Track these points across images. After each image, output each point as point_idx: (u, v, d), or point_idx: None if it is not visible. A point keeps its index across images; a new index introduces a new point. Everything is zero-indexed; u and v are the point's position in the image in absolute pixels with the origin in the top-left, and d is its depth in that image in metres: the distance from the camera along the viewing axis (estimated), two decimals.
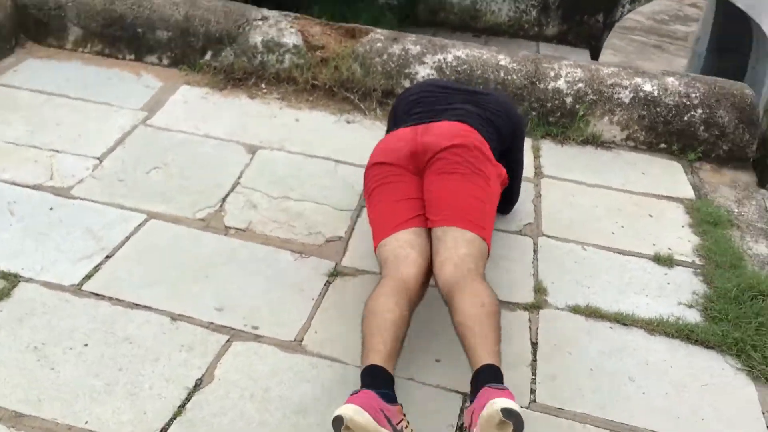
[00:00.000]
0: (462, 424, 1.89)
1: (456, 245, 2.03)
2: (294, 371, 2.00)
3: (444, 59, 3.44)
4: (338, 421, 1.61)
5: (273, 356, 2.04)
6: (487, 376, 1.72)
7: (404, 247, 2.06)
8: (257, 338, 2.09)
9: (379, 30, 3.56)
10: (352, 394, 1.68)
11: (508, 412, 1.57)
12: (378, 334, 1.83)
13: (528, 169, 2.99)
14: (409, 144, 2.24)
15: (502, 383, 1.71)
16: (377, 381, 1.73)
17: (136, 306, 2.15)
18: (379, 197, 2.20)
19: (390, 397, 1.72)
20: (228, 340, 2.07)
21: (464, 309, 1.86)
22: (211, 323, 2.12)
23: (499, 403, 1.57)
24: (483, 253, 2.08)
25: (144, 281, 2.24)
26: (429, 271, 2.07)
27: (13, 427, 1.73)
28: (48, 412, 1.78)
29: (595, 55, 8.59)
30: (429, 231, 2.14)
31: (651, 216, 2.92)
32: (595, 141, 3.40)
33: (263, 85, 3.45)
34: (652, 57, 13.29)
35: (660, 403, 2.05)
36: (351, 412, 1.60)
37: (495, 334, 1.83)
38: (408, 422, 1.73)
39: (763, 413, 2.07)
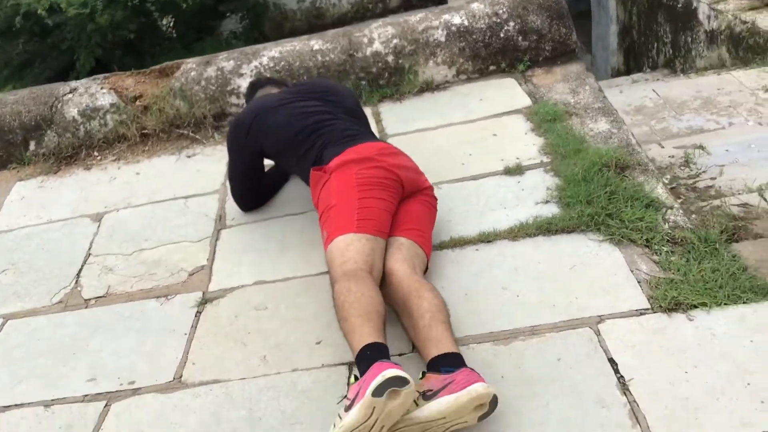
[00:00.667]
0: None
1: (418, 259, 2.16)
2: (178, 408, 1.96)
3: (260, 64, 3.44)
4: (399, 382, 1.60)
5: (155, 402, 1.99)
6: (463, 361, 1.78)
7: (380, 257, 2.10)
8: (136, 392, 2.04)
9: (189, 59, 3.54)
10: (394, 364, 1.66)
11: (494, 401, 1.67)
12: (376, 316, 1.86)
13: None
14: (418, 177, 2.39)
15: None
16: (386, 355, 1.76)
17: (8, 408, 2.07)
18: (378, 195, 2.22)
19: None
20: (106, 405, 2.01)
21: (438, 305, 1.93)
22: (86, 395, 2.06)
23: (493, 389, 1.66)
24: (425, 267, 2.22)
25: (11, 383, 2.16)
26: None
27: None
28: None
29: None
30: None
31: (495, 135, 2.98)
32: (430, 87, 3.46)
33: (95, 153, 3.39)
34: None
35: (535, 298, 2.09)
36: (413, 383, 1.62)
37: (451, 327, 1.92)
38: None
39: (632, 271, 2.13)
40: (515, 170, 2.69)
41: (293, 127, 2.50)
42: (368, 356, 1.74)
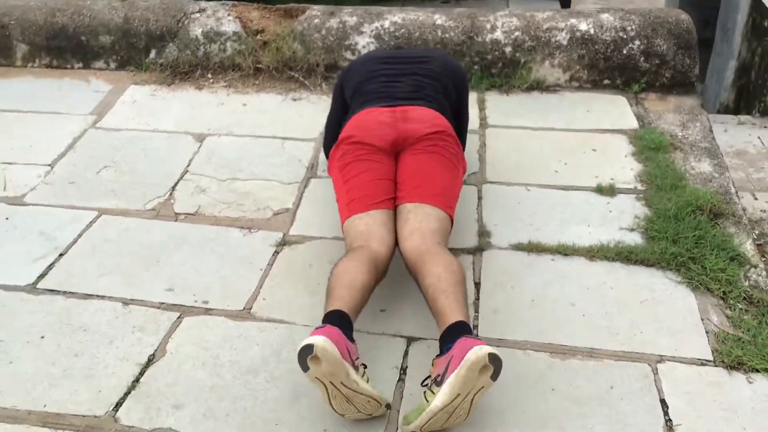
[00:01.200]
0: (406, 367, 1.98)
1: (427, 220, 2.13)
2: (243, 337, 2.08)
3: (381, 26, 3.49)
4: (307, 350, 1.66)
5: (223, 326, 2.12)
6: (463, 329, 1.80)
7: (379, 225, 2.15)
8: (207, 312, 2.18)
9: (315, 6, 3.61)
10: (316, 329, 1.73)
11: (494, 357, 1.67)
12: (343, 288, 1.90)
13: (473, 121, 3.04)
14: (393, 131, 2.32)
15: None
16: (342, 321, 1.80)
17: (90, 296, 2.23)
18: (356, 171, 2.27)
19: (351, 338, 1.80)
20: (179, 317, 2.15)
21: (438, 273, 1.94)
22: (162, 303, 2.21)
23: (486, 349, 1.67)
24: (448, 231, 2.21)
25: (97, 273, 2.33)
26: (393, 253, 2.15)
27: None
28: (8, 401, 1.87)
29: (566, 6, 8.54)
30: (395, 210, 2.22)
31: (594, 150, 2.98)
32: (539, 86, 3.46)
33: (209, 75, 3.52)
34: (634, 0, 13.20)
35: (600, 322, 2.13)
36: (321, 341, 1.66)
37: (464, 298, 1.92)
38: (364, 363, 1.82)
39: (702, 319, 2.14)
40: (607, 190, 2.70)
41: (352, 89, 2.57)
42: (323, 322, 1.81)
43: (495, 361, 1.67)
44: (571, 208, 2.62)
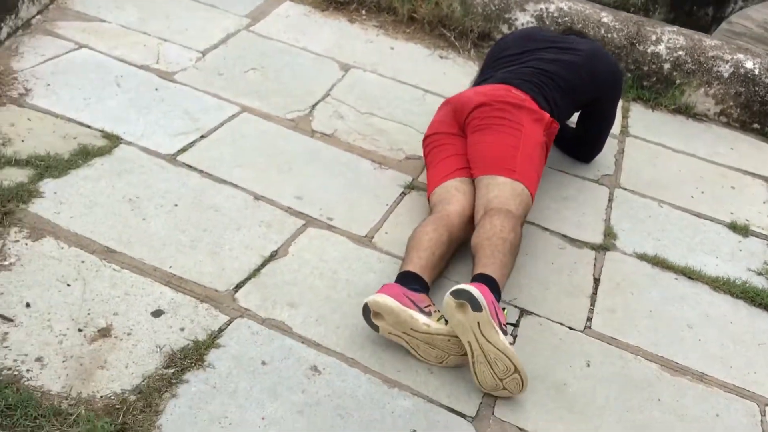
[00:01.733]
0: (516, 336, 1.96)
1: (487, 191, 2.15)
2: (362, 261, 2.09)
3: (546, 9, 3.44)
4: (366, 310, 1.77)
5: (344, 245, 2.13)
6: (472, 280, 1.83)
7: (449, 190, 2.21)
8: (331, 228, 2.19)
9: None
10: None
11: (455, 293, 1.68)
12: (414, 251, 1.96)
13: (614, 127, 2.97)
14: (449, 107, 2.42)
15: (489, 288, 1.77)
16: (406, 280, 1.87)
17: (224, 182, 2.27)
18: (431, 158, 2.36)
19: (415, 289, 1.83)
20: (304, 225, 2.17)
21: (477, 233, 1.99)
22: (290, 208, 2.23)
23: (451, 290, 1.69)
24: (515, 193, 2.14)
25: (233, 163, 2.36)
26: (470, 208, 2.17)
27: (104, 259, 1.88)
28: (137, 252, 1.93)
29: None
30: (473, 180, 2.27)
31: (733, 188, 2.88)
32: (687, 111, 3.36)
33: (363, 12, 3.52)
34: None
35: (715, 351, 2.07)
36: (373, 298, 1.76)
37: (501, 255, 1.91)
38: (438, 309, 1.82)
39: None
40: (741, 229, 2.61)
41: (481, 69, 2.66)
42: None
43: (459, 295, 1.68)
44: (701, 236, 2.54)
